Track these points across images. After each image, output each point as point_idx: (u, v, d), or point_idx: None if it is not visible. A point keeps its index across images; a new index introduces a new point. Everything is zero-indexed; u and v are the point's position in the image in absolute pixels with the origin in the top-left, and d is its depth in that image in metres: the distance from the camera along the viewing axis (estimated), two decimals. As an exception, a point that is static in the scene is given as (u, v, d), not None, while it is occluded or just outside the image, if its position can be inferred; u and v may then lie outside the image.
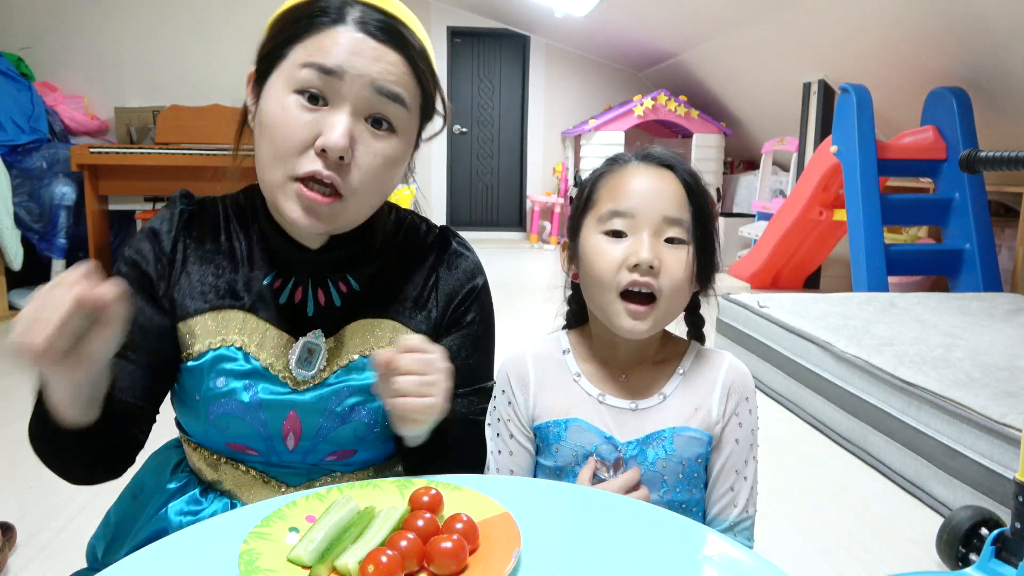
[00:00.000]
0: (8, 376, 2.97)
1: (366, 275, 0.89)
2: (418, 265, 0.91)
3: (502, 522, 0.66)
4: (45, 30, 4.47)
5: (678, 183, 0.86)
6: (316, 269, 0.87)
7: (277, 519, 0.66)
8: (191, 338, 0.83)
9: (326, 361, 0.85)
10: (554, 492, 0.77)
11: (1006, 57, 3.36)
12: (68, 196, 3.97)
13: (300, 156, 0.76)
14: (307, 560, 0.60)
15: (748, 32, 5.07)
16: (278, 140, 0.76)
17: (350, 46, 0.75)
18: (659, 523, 0.71)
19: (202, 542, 0.64)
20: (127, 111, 4.54)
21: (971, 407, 1.94)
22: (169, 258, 0.85)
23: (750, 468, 0.90)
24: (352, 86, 0.75)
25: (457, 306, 0.91)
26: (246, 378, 0.83)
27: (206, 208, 0.89)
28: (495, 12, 7.22)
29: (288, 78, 0.76)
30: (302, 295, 0.86)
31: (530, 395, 0.92)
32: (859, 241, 3.61)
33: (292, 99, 0.75)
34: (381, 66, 0.76)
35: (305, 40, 0.76)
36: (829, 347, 2.59)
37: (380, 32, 0.77)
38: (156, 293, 0.84)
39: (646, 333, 0.86)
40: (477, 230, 7.80)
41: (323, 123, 0.75)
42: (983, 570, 1.47)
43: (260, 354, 0.83)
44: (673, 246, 0.84)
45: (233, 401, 0.82)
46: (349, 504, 0.66)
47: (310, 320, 0.86)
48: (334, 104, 0.76)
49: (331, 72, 0.74)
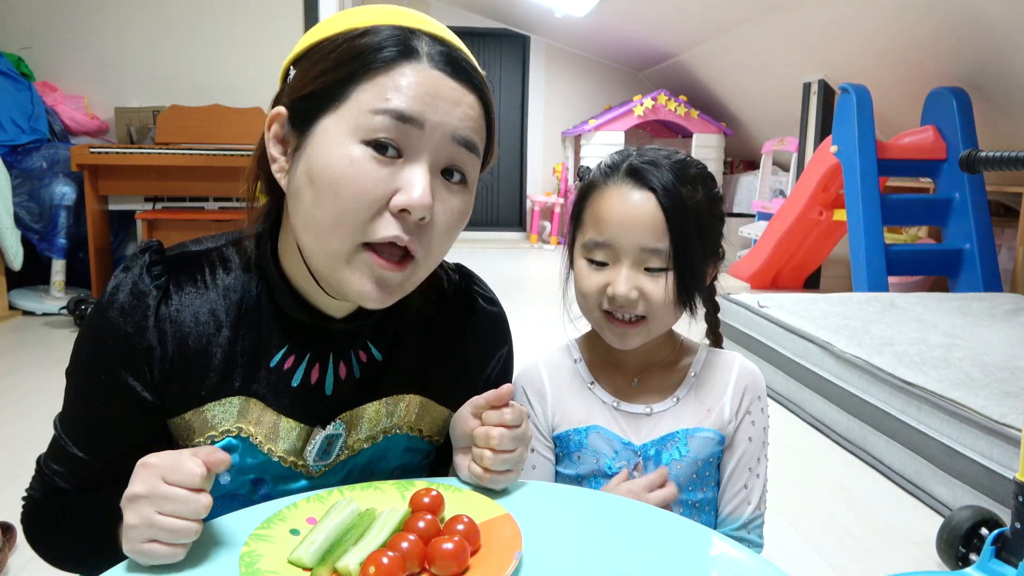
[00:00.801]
0: (8, 376, 2.97)
1: (389, 342, 0.79)
2: (444, 328, 0.83)
3: (503, 523, 0.66)
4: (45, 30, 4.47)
5: (658, 208, 0.83)
6: (339, 341, 0.76)
7: (278, 521, 0.66)
8: (189, 433, 0.72)
9: (343, 447, 0.77)
10: (554, 494, 0.77)
11: (1006, 57, 3.36)
12: (68, 196, 3.97)
13: (374, 219, 0.64)
14: (308, 562, 0.60)
15: (748, 32, 5.07)
16: (346, 200, 0.63)
17: (430, 87, 0.64)
18: (659, 524, 0.71)
19: (202, 543, 0.64)
20: (127, 111, 4.54)
21: (971, 407, 1.94)
22: (150, 344, 0.70)
23: (762, 465, 0.91)
24: (432, 135, 0.64)
25: (487, 378, 0.87)
26: (253, 472, 0.74)
27: (187, 265, 0.74)
28: (495, 12, 7.22)
29: (353, 125, 0.63)
30: (319, 373, 0.75)
31: (548, 405, 0.93)
32: (859, 241, 3.61)
33: (360, 150, 0.63)
34: (461, 111, 0.66)
35: (372, 78, 0.64)
36: (829, 347, 2.59)
37: (453, 69, 0.66)
38: (145, 380, 0.71)
39: (637, 344, 0.88)
40: (477, 230, 7.80)
41: (399, 179, 0.64)
42: (983, 570, 1.47)
43: (270, 446, 0.73)
44: (652, 275, 0.84)
45: (238, 498, 0.74)
46: (350, 506, 0.66)
47: (327, 399, 0.75)
48: (409, 156, 0.64)
49: (410, 120, 0.63)
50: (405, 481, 0.75)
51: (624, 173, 0.86)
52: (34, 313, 4.03)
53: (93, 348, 0.72)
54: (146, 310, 0.70)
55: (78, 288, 4.23)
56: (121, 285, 0.71)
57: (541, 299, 4.82)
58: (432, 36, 0.67)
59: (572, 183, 7.15)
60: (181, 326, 0.71)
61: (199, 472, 0.57)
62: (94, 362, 0.71)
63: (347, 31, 0.66)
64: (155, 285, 0.71)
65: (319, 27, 0.70)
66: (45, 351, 3.38)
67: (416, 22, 0.68)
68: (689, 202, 0.84)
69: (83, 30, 4.51)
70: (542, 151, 7.80)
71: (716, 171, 6.39)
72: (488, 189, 7.96)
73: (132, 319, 0.70)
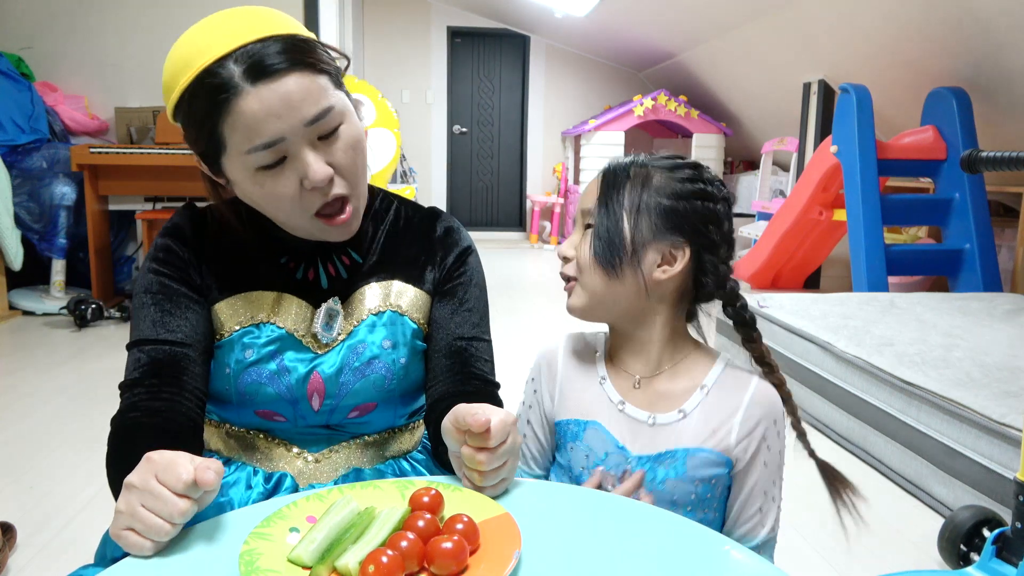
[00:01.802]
0: (8, 376, 2.97)
1: (366, 247, 0.97)
2: (412, 235, 0.99)
3: (503, 523, 0.66)
4: (45, 30, 4.47)
5: (600, 177, 0.91)
6: (322, 250, 0.94)
7: (278, 519, 0.66)
8: (221, 319, 0.90)
9: (342, 324, 0.92)
10: (554, 493, 0.77)
11: (1006, 57, 3.36)
12: (68, 196, 3.97)
13: (305, 203, 0.82)
14: (308, 560, 0.60)
15: (748, 32, 5.07)
16: (277, 210, 0.84)
17: (265, 108, 0.76)
18: (659, 523, 0.71)
19: (202, 543, 0.64)
20: (127, 111, 4.54)
21: (971, 407, 1.94)
22: (196, 252, 0.91)
23: (777, 488, 0.90)
24: (295, 134, 0.78)
25: (452, 265, 0.98)
26: (271, 346, 0.89)
27: (211, 212, 0.94)
28: (495, 12, 7.22)
29: (242, 165, 0.80)
30: (314, 273, 0.94)
31: (556, 388, 0.94)
32: (859, 241, 3.61)
33: (259, 176, 0.80)
34: (296, 99, 0.77)
35: (226, 125, 0.78)
36: (829, 347, 2.59)
37: (271, 67, 0.77)
38: (194, 283, 0.90)
39: (577, 306, 0.91)
40: (477, 230, 7.80)
41: (297, 173, 0.80)
42: (983, 569, 1.47)
43: (284, 323, 0.90)
44: (586, 233, 0.90)
45: (261, 369, 0.88)
46: (349, 505, 0.66)
47: (324, 291, 0.93)
48: (292, 154, 0.80)
49: (272, 144, 0.78)
50: (405, 480, 0.75)
51: None
52: (34, 313, 4.03)
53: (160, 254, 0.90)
54: (192, 228, 0.92)
55: (78, 288, 4.23)
56: (174, 219, 0.93)
57: (541, 299, 4.82)
58: (238, 51, 0.77)
59: (572, 183, 7.16)
60: (213, 243, 0.92)
61: (185, 479, 0.62)
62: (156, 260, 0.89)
63: (191, 83, 0.77)
64: (193, 213, 0.93)
65: (169, 70, 0.81)
66: (45, 351, 3.38)
67: (224, 41, 0.77)
68: (636, 170, 0.87)
69: (83, 30, 4.51)
70: (542, 151, 7.80)
71: (716, 171, 6.38)
72: (488, 189, 7.97)
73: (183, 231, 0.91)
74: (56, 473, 2.10)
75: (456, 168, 7.84)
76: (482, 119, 7.81)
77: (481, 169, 7.92)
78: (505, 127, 7.85)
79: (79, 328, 3.77)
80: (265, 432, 0.94)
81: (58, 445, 2.27)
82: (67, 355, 3.32)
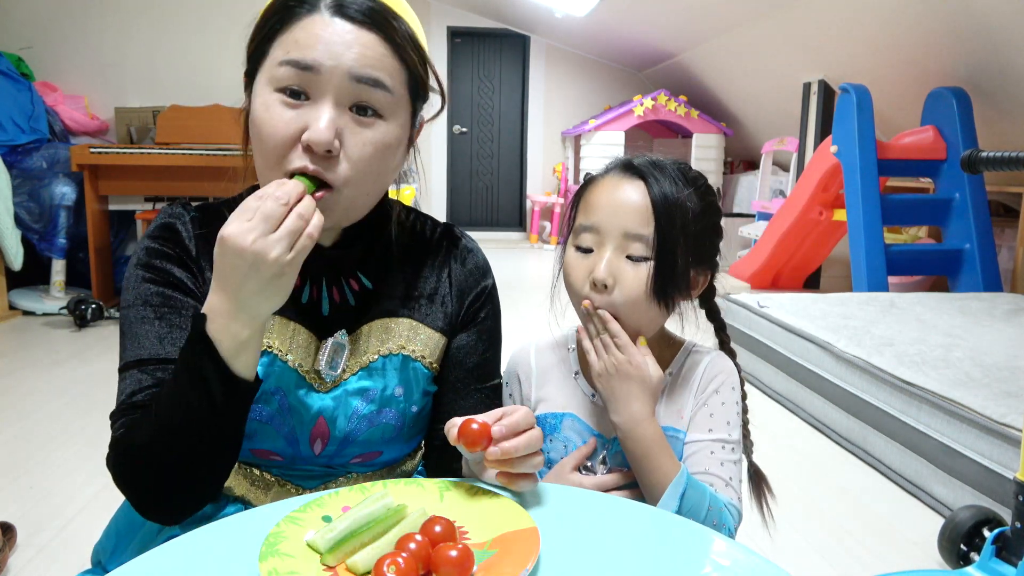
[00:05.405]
0: (8, 376, 2.97)
1: (377, 273, 0.89)
2: (429, 261, 0.92)
3: (526, 537, 0.64)
4: (45, 30, 4.47)
5: (646, 195, 0.84)
6: (329, 266, 0.86)
7: (315, 506, 0.67)
8: None
9: (347, 362, 0.85)
10: (572, 498, 0.77)
11: (1006, 57, 3.36)
12: (68, 196, 3.97)
13: (289, 153, 0.75)
14: (322, 547, 0.61)
15: (748, 32, 5.07)
16: (266, 140, 0.75)
17: (324, 35, 0.74)
18: (667, 527, 0.71)
19: (211, 542, 0.64)
20: (127, 111, 4.54)
21: (971, 407, 1.94)
22: (190, 254, 0.83)
23: (727, 452, 0.87)
24: (331, 77, 0.74)
25: (471, 303, 0.92)
26: (274, 381, 0.82)
27: (211, 212, 0.87)
28: (495, 12, 7.22)
29: (269, 77, 0.75)
30: (316, 294, 0.86)
31: (532, 387, 0.95)
32: (859, 241, 3.61)
33: (274, 98, 0.75)
34: (356, 51, 0.74)
35: (282, 35, 0.75)
36: (829, 347, 2.59)
37: (357, 15, 0.75)
38: (195, 293, 0.82)
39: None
40: (477, 230, 7.80)
41: (307, 118, 0.74)
42: (983, 569, 1.48)
43: (288, 355, 0.83)
44: (633, 263, 0.84)
45: (261, 408, 0.82)
46: (384, 499, 0.66)
47: (324, 319, 0.85)
48: (315, 98, 0.74)
49: (308, 67, 0.73)
50: (448, 480, 0.75)
51: (620, 165, 0.89)
52: (34, 313, 4.04)
53: (153, 245, 0.83)
54: (186, 232, 0.84)
55: (78, 288, 4.23)
56: (165, 215, 0.85)
57: (541, 299, 4.82)
58: None
59: (572, 183, 7.16)
60: (209, 252, 0.79)
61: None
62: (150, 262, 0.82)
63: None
64: (192, 216, 0.85)
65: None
66: (45, 351, 3.38)
67: None
68: (680, 196, 0.84)
69: (83, 30, 4.51)
70: (542, 151, 7.80)
71: (716, 171, 6.39)
72: (488, 189, 7.96)
73: (178, 232, 0.84)
74: (56, 473, 2.10)
75: (456, 168, 7.84)
76: (482, 119, 7.81)
77: (481, 169, 7.92)
78: (505, 127, 7.85)
79: (79, 328, 3.77)
80: (257, 467, 0.87)
81: (58, 445, 2.27)
82: (67, 355, 3.32)
